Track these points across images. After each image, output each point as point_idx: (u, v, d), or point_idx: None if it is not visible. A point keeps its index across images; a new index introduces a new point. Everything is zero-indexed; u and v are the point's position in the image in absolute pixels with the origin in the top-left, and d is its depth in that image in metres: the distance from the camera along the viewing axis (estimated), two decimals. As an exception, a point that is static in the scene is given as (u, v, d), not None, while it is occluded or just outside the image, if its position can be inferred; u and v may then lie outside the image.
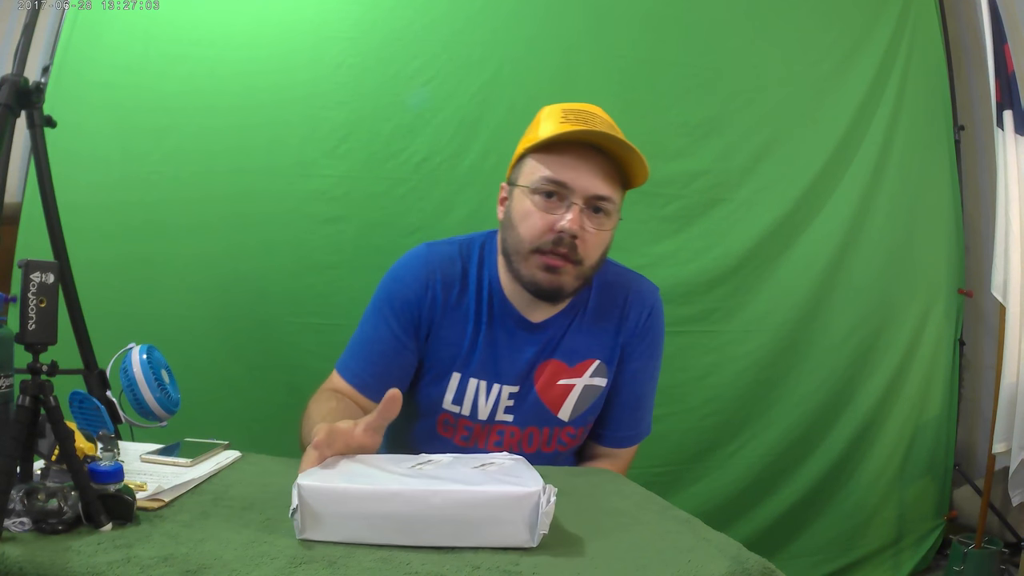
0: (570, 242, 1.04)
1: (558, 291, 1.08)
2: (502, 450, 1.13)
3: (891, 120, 2.10)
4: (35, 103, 1.26)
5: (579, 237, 1.04)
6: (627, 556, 0.70)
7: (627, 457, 1.25)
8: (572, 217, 1.03)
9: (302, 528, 0.69)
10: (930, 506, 2.19)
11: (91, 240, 1.66)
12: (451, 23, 1.85)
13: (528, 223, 1.06)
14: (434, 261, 1.14)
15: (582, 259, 1.06)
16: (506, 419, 1.15)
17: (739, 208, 1.99)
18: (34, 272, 0.70)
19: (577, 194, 1.04)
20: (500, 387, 1.13)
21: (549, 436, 1.17)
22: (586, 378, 1.16)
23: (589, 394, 1.17)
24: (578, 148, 1.05)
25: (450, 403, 1.15)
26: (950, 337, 2.19)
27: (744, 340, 2.00)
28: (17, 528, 0.66)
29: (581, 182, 1.04)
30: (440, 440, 1.17)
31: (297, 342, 1.76)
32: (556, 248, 1.04)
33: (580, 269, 1.07)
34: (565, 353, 1.15)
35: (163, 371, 1.17)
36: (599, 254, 1.09)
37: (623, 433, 1.23)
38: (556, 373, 1.15)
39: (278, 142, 1.78)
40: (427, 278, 1.13)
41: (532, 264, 1.06)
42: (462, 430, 1.16)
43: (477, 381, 1.13)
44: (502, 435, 1.16)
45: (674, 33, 1.98)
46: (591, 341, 1.16)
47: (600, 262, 1.11)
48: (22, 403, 0.68)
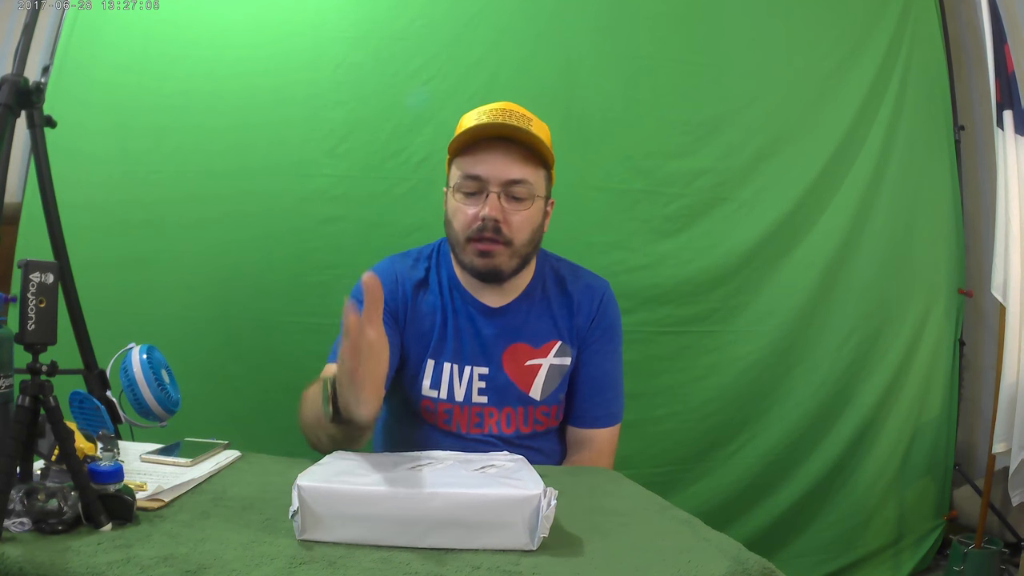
0: (493, 226, 1.16)
1: (495, 271, 1.19)
2: (483, 432, 1.24)
3: (891, 120, 2.10)
4: (35, 103, 1.26)
5: (502, 220, 1.16)
6: (627, 556, 0.70)
7: (607, 441, 1.31)
8: (490, 204, 1.16)
9: (302, 529, 0.69)
10: (930, 506, 2.19)
11: (91, 240, 1.66)
12: (451, 23, 1.85)
13: (458, 218, 1.20)
14: (399, 268, 1.28)
15: (510, 239, 1.18)
16: (481, 400, 1.24)
17: (741, 207, 1.99)
18: (34, 272, 0.70)
19: (492, 183, 1.17)
20: (471, 368, 1.24)
21: (525, 416, 1.26)
22: (551, 358, 1.26)
23: (555, 372, 1.27)
24: (489, 143, 1.18)
25: (428, 388, 1.24)
26: (950, 337, 2.19)
27: (745, 340, 2.00)
28: (17, 528, 0.66)
29: (493, 172, 1.16)
30: (426, 427, 1.26)
31: (297, 342, 1.76)
32: (483, 234, 1.17)
33: (512, 249, 1.19)
34: (528, 336, 1.26)
35: (163, 371, 1.17)
36: (527, 231, 1.20)
37: (594, 413, 1.30)
38: (523, 355, 1.25)
39: (278, 142, 1.78)
40: (396, 282, 1.26)
41: (469, 252, 1.19)
42: (442, 414, 1.24)
43: (450, 365, 1.24)
44: (481, 417, 1.25)
45: (676, 32, 1.98)
46: (550, 324, 1.27)
47: (532, 238, 1.21)
48: (22, 403, 0.68)
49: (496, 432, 1.25)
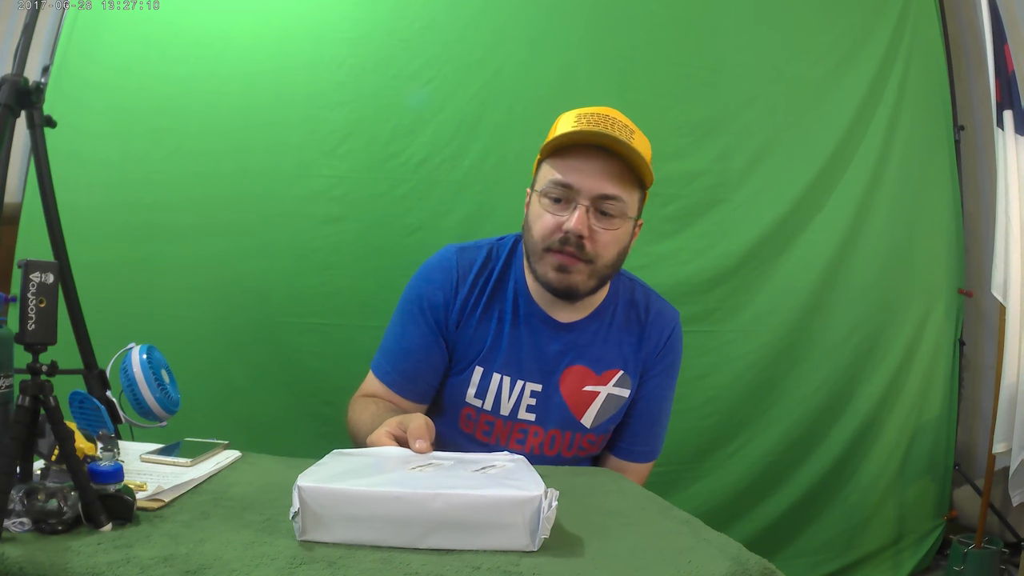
0: (576, 241, 1.07)
1: (570, 289, 1.11)
2: (523, 450, 1.16)
3: (891, 120, 2.10)
4: (35, 103, 1.26)
5: (588, 236, 1.08)
6: (627, 557, 0.70)
7: (640, 476, 1.28)
8: (577, 217, 1.06)
9: (303, 530, 0.69)
10: (930, 506, 2.19)
11: (91, 240, 1.66)
12: (451, 24, 1.85)
13: (539, 224, 1.11)
14: (463, 264, 1.19)
15: (592, 258, 1.09)
16: (528, 418, 1.18)
17: (739, 208, 1.99)
18: (34, 272, 0.70)
19: (583, 195, 1.07)
20: (524, 383, 1.16)
21: (571, 441, 1.20)
22: (610, 387, 1.20)
23: (612, 403, 1.20)
24: (586, 150, 1.08)
25: (472, 397, 1.17)
26: (950, 337, 2.19)
27: (744, 340, 2.00)
28: (17, 528, 0.66)
29: (586, 183, 1.07)
30: (462, 436, 1.20)
31: (297, 342, 1.76)
32: (564, 247, 1.08)
33: (593, 267, 1.10)
34: (591, 360, 1.19)
35: (163, 371, 1.17)
36: (612, 252, 1.12)
37: (639, 448, 1.27)
38: (582, 379, 1.18)
39: (278, 143, 1.78)
40: (456, 280, 1.18)
41: (546, 263, 1.10)
42: (483, 425, 1.18)
43: (500, 376, 1.16)
44: (524, 434, 1.19)
45: (674, 33, 1.98)
46: (616, 351, 1.20)
47: (616, 260, 1.14)
48: (22, 403, 0.68)
49: (537, 452, 1.18)
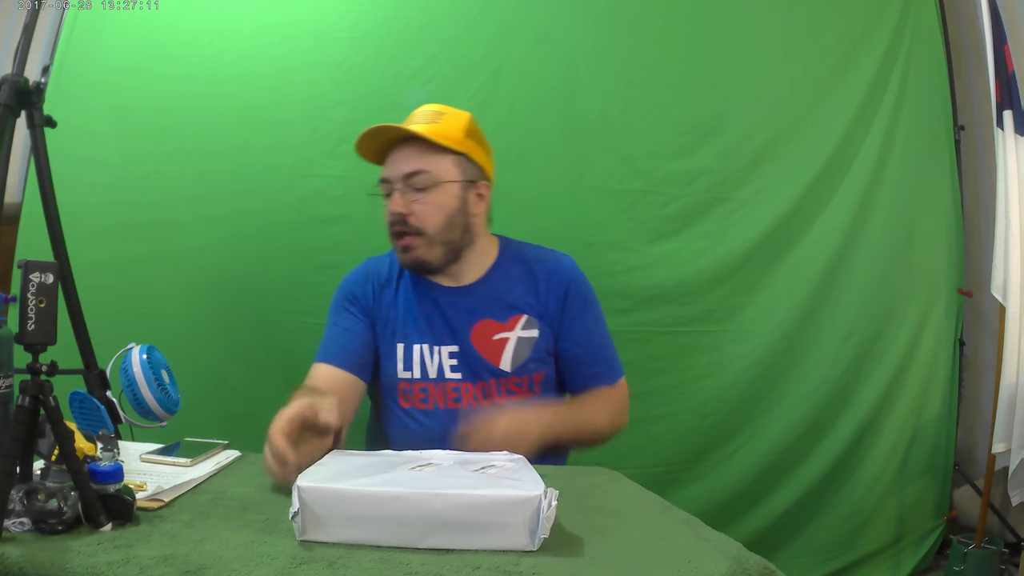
0: (400, 219, 1.23)
1: (417, 262, 1.26)
2: (462, 406, 1.25)
3: (891, 120, 2.10)
4: (35, 103, 1.26)
5: (408, 212, 1.22)
6: (627, 556, 0.70)
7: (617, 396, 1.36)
8: (393, 200, 1.23)
9: (303, 530, 0.69)
10: (930, 506, 2.19)
11: (91, 240, 1.66)
12: (451, 23, 1.85)
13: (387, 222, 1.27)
14: (371, 264, 1.37)
15: (420, 229, 1.23)
16: (455, 377, 1.29)
17: (740, 207, 1.99)
18: (34, 272, 0.70)
19: (394, 181, 1.24)
20: (439, 348, 1.29)
21: (499, 387, 1.30)
22: (518, 331, 1.30)
23: (524, 345, 1.30)
24: (392, 150, 1.26)
25: (402, 371, 1.29)
26: (950, 337, 2.19)
27: (744, 340, 2.00)
28: (17, 528, 0.66)
29: (392, 171, 1.25)
30: (405, 413, 1.29)
31: (297, 342, 1.75)
32: (395, 228, 1.24)
33: (426, 237, 1.24)
34: (494, 312, 1.30)
35: (163, 371, 1.17)
36: (439, 217, 1.24)
37: (597, 370, 1.35)
38: (490, 330, 1.30)
39: (278, 142, 1.78)
40: (364, 278, 1.34)
41: (397, 250, 1.27)
42: (419, 393, 1.29)
43: (419, 346, 1.29)
44: (458, 392, 1.28)
45: (675, 33, 1.98)
46: (515, 300, 1.31)
47: (448, 223, 1.25)
48: (22, 403, 0.68)
49: (476, 405, 1.27)
